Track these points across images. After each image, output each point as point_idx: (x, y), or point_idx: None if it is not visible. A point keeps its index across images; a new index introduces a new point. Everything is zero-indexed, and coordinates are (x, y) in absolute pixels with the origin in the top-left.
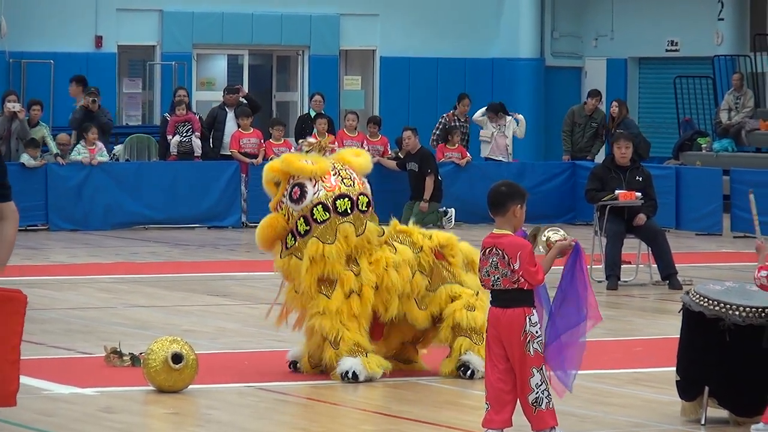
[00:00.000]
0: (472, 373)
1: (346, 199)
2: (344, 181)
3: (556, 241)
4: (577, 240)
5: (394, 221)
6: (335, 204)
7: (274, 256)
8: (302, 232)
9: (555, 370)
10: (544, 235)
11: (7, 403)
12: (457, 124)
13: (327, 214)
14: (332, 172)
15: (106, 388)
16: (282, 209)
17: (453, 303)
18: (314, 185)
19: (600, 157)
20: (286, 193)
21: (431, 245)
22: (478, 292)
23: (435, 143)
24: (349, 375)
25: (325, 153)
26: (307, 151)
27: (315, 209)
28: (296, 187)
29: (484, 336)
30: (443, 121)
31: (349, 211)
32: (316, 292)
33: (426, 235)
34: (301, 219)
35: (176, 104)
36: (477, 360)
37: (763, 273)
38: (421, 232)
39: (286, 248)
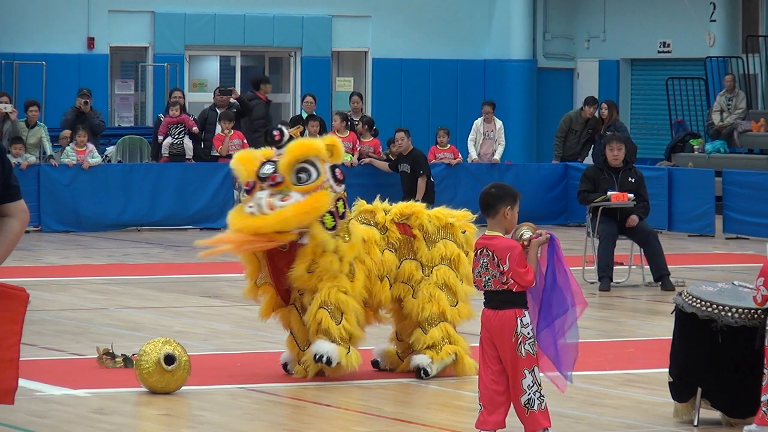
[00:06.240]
0: (426, 371)
1: None
2: None
3: (530, 238)
4: (551, 232)
5: (360, 202)
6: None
7: (314, 235)
8: (342, 214)
9: (551, 364)
10: (518, 235)
11: (4, 401)
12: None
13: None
14: None
15: (98, 389)
16: (323, 188)
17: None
18: None
19: (589, 160)
20: (328, 174)
21: (392, 218)
22: (432, 269)
23: None
24: (323, 360)
25: None
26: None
27: (345, 193)
28: (339, 168)
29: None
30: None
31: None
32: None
33: (387, 210)
34: (341, 201)
35: (171, 105)
36: (422, 358)
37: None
38: (384, 208)
39: (327, 229)
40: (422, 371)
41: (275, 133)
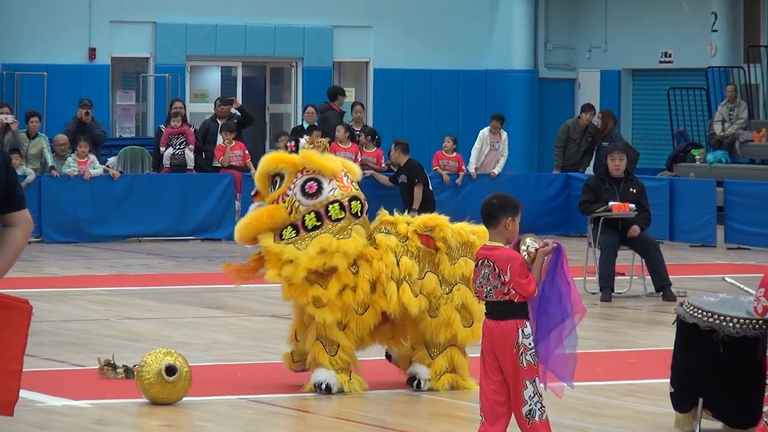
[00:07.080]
0: (419, 383)
1: (358, 201)
2: (353, 183)
3: (537, 248)
4: (558, 242)
5: (382, 212)
6: (350, 205)
7: (263, 246)
8: (310, 227)
9: (550, 369)
10: (524, 246)
11: (4, 412)
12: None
13: (342, 213)
14: (343, 174)
15: (99, 400)
16: (285, 202)
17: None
18: (329, 182)
19: (590, 170)
20: (294, 186)
21: (414, 229)
22: (452, 288)
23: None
24: (323, 387)
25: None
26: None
27: (331, 206)
28: (312, 182)
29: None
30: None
31: (359, 213)
32: (308, 282)
33: (410, 222)
34: (312, 214)
35: (172, 116)
36: (422, 370)
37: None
38: (406, 220)
39: (281, 239)
40: (417, 382)
41: (289, 144)
